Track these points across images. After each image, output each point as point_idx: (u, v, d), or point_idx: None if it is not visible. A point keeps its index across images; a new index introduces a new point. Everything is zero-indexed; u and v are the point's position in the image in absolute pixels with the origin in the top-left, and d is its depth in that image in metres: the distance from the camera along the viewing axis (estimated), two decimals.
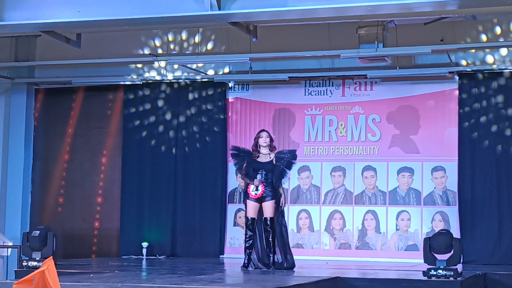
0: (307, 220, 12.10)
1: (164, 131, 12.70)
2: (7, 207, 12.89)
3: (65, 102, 13.27)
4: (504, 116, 11.41)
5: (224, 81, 12.50)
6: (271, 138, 9.53)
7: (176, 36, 12.50)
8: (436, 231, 8.77)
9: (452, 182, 11.58)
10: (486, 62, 11.49)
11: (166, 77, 12.63)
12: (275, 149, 9.58)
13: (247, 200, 9.38)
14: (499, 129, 11.40)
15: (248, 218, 9.35)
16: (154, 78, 12.71)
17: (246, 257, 9.31)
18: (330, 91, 12.25)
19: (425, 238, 8.33)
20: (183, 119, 12.65)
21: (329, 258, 11.66)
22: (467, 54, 11.56)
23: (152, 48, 12.58)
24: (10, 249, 10.81)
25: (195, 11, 8.94)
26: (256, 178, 9.27)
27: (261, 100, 12.47)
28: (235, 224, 12.28)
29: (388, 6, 8.62)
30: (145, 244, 12.29)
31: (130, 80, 12.73)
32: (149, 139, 12.74)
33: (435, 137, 11.72)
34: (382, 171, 11.89)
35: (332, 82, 12.25)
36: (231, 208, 12.36)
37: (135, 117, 12.84)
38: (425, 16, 10.10)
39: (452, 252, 8.08)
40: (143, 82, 12.73)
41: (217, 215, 12.32)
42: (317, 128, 12.22)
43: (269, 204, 9.26)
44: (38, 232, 9.23)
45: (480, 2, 8.75)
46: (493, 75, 11.50)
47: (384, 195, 11.84)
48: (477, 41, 11.40)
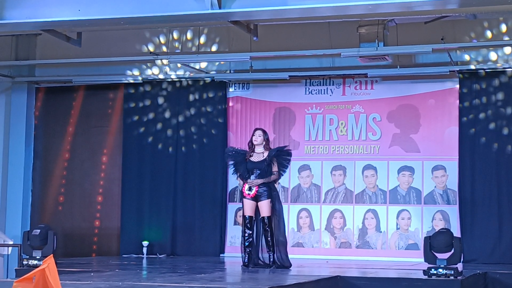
0: (308, 219, 12.10)
1: (164, 129, 12.70)
2: (8, 205, 12.90)
3: (66, 101, 13.27)
4: (504, 115, 11.40)
5: (225, 80, 12.50)
6: (265, 138, 9.43)
7: (177, 35, 12.49)
8: (437, 230, 8.78)
9: (453, 181, 11.58)
10: (486, 60, 11.48)
11: (167, 76, 12.63)
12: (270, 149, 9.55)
13: (243, 199, 9.38)
14: (499, 128, 11.39)
15: (245, 217, 9.34)
16: (154, 77, 12.71)
17: (246, 255, 9.30)
18: (331, 90, 12.25)
19: (425, 237, 8.32)
20: (183, 118, 12.64)
21: (329, 257, 11.66)
22: (468, 53, 11.55)
23: (152, 47, 12.57)
24: (10, 248, 10.80)
25: (196, 10, 8.93)
26: (250, 178, 9.27)
27: (262, 99, 12.46)
28: (235, 223, 12.27)
29: (388, 5, 8.61)
30: (145, 243, 12.29)
31: (130, 78, 12.73)
32: (149, 138, 12.73)
33: (436, 136, 11.72)
34: (382, 170, 11.89)
35: (333, 81, 12.25)
36: (231, 207, 12.36)
37: (136, 115, 12.84)
38: (425, 15, 10.10)
39: (453, 251, 8.08)
40: (144, 80, 12.74)
41: (217, 214, 12.32)
42: (318, 127, 12.22)
43: (265, 203, 9.25)
44: (39, 230, 9.22)
45: (481, 1, 8.74)
46: (494, 74, 11.49)
47: (384, 194, 11.84)
48: (477, 39, 11.39)
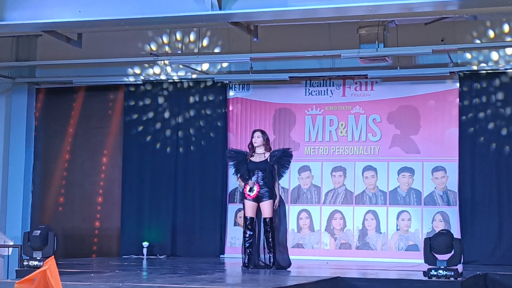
0: (308, 220, 12.10)
1: (165, 130, 12.70)
2: (8, 206, 12.90)
3: (66, 102, 13.27)
4: (504, 116, 11.40)
5: (225, 81, 12.50)
6: (264, 138, 9.43)
7: (177, 36, 12.50)
8: (437, 231, 8.78)
9: (453, 182, 11.58)
10: (487, 61, 11.48)
11: (167, 77, 12.63)
12: (271, 150, 9.55)
13: (244, 200, 9.37)
14: (499, 129, 11.40)
15: (247, 218, 9.34)
16: (154, 78, 12.71)
17: (246, 256, 9.30)
18: (331, 91, 12.25)
19: (425, 238, 8.33)
20: (183, 118, 12.64)
21: (329, 258, 11.66)
22: (468, 54, 11.56)
23: (152, 48, 12.57)
24: (11, 249, 10.80)
25: (196, 11, 8.94)
26: (251, 179, 9.28)
27: (262, 100, 12.47)
28: (236, 224, 12.28)
29: (388, 6, 8.62)
30: (145, 244, 12.30)
31: (130, 79, 12.73)
32: (149, 139, 12.73)
33: (436, 137, 11.72)
34: (382, 171, 11.89)
35: (333, 82, 12.25)
36: (232, 208, 12.36)
37: (136, 117, 12.84)
38: (425, 16, 10.10)
39: (453, 252, 8.08)
40: (144, 81, 12.74)
41: (217, 215, 12.32)
42: (318, 128, 12.22)
43: (267, 204, 9.24)
44: (39, 231, 9.23)
45: (481, 2, 8.75)
46: (494, 75, 11.49)
47: (384, 195, 11.84)
48: (477, 41, 11.40)
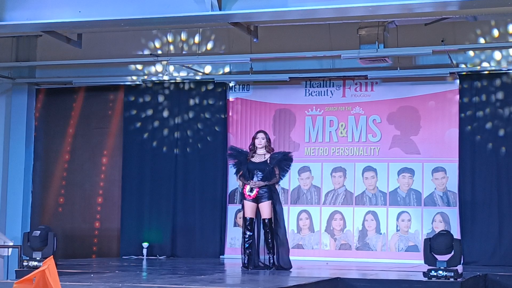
0: (308, 220, 12.10)
1: (165, 131, 12.70)
2: (8, 207, 12.90)
3: (66, 102, 13.27)
4: (504, 117, 11.40)
5: (225, 82, 12.50)
6: (267, 140, 9.47)
7: (177, 37, 12.50)
8: (437, 232, 8.78)
9: (453, 183, 11.58)
10: (487, 62, 11.48)
11: (167, 77, 12.63)
12: (273, 151, 9.56)
13: (244, 201, 9.38)
14: (499, 130, 11.39)
15: (246, 219, 9.34)
16: (154, 78, 12.71)
17: (246, 257, 9.30)
18: (331, 91, 12.25)
19: (425, 239, 8.33)
20: (183, 119, 12.64)
21: (329, 259, 11.66)
22: (468, 55, 11.55)
23: (153, 48, 12.57)
24: (10, 249, 10.81)
25: (196, 12, 8.94)
26: (252, 179, 9.27)
27: (262, 101, 12.47)
28: (235, 224, 12.27)
29: (388, 7, 8.62)
30: (145, 245, 12.29)
31: (130, 80, 12.73)
32: (149, 139, 12.73)
33: (436, 138, 11.72)
34: (382, 171, 11.89)
35: (333, 83, 12.25)
36: (231, 209, 12.36)
37: (136, 117, 12.84)
38: (425, 17, 10.10)
39: (453, 253, 8.08)
40: (144, 82, 12.74)
41: (217, 216, 12.31)
42: (318, 128, 12.22)
43: (266, 205, 9.25)
44: (39, 232, 9.23)
45: (481, 3, 8.75)
46: (494, 75, 11.49)
47: (384, 195, 11.84)
48: (477, 42, 11.39)
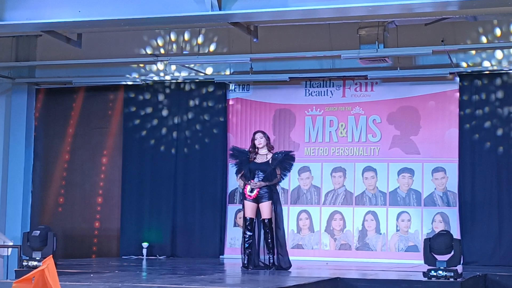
0: (307, 220, 12.10)
1: (164, 131, 12.70)
2: (8, 206, 12.90)
3: (66, 102, 13.27)
4: (504, 116, 11.40)
5: (225, 82, 12.50)
6: (266, 138, 9.49)
7: (177, 37, 12.50)
8: (437, 232, 8.78)
9: (453, 183, 11.58)
10: (487, 62, 11.48)
11: (167, 77, 12.63)
12: (273, 149, 9.59)
13: (244, 201, 9.38)
14: (499, 130, 11.39)
15: (246, 219, 9.35)
16: (154, 78, 12.71)
17: (246, 257, 9.30)
18: (331, 91, 12.25)
19: (425, 239, 8.33)
20: (183, 119, 12.64)
21: (329, 259, 11.66)
22: (468, 55, 11.55)
23: (152, 48, 12.57)
24: (10, 249, 10.81)
25: (196, 11, 8.92)
26: (253, 180, 9.27)
27: (262, 101, 12.47)
28: (235, 224, 12.28)
29: (388, 7, 8.60)
30: (145, 244, 12.29)
31: (130, 80, 12.73)
32: (149, 139, 12.74)
33: (436, 138, 11.72)
34: (382, 172, 11.89)
35: (333, 83, 12.25)
36: (231, 209, 12.36)
37: (136, 117, 12.84)
38: (425, 17, 10.09)
39: (452, 253, 8.08)
40: (144, 82, 12.74)
41: (217, 216, 12.31)
42: (318, 128, 12.22)
43: (266, 205, 9.25)
44: (39, 232, 9.23)
45: (481, 3, 8.74)
46: (494, 76, 11.49)
47: (384, 196, 11.84)
48: (478, 42, 11.39)
